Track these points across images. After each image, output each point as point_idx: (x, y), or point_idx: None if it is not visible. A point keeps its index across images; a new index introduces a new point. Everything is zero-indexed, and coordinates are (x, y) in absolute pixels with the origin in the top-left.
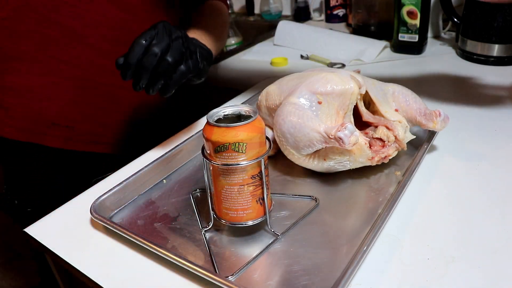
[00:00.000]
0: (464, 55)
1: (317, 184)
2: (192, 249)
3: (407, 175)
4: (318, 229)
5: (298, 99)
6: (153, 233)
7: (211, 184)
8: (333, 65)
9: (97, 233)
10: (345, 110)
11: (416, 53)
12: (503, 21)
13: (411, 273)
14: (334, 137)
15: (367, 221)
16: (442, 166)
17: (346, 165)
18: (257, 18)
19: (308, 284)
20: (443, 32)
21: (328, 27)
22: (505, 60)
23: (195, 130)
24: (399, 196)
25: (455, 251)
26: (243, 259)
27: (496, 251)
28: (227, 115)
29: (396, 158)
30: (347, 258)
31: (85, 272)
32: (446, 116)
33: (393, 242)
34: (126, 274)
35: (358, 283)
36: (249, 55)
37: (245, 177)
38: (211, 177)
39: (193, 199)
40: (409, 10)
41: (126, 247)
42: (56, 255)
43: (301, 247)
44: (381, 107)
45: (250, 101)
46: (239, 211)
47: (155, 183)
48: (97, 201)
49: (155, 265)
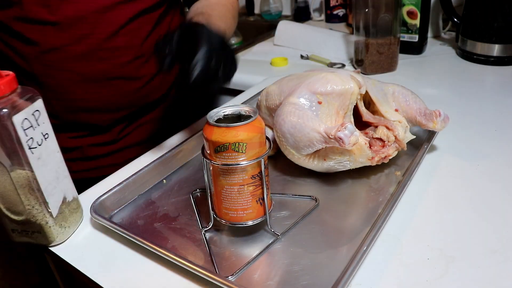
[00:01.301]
0: (464, 55)
1: (317, 184)
2: (192, 249)
3: (407, 175)
4: (318, 229)
5: (298, 99)
6: (153, 233)
7: (211, 184)
8: (333, 65)
9: (97, 233)
10: (345, 110)
11: (416, 53)
12: (503, 21)
13: (411, 273)
14: (334, 137)
15: (367, 221)
16: (442, 166)
17: (346, 165)
18: (257, 18)
19: (308, 284)
20: (443, 32)
21: (328, 27)
22: (505, 60)
23: (195, 130)
24: (399, 196)
25: (455, 251)
26: (243, 259)
27: (496, 251)
28: (227, 115)
29: (396, 158)
30: (347, 258)
31: (85, 272)
32: (446, 116)
33: (393, 242)
34: (126, 274)
35: (358, 283)
36: (249, 55)
37: (245, 177)
38: (211, 177)
39: (193, 199)
40: (409, 10)
41: (126, 247)
42: (56, 255)
43: (301, 247)
44: (381, 107)
45: (250, 101)
46: (239, 211)
47: (155, 183)
48: (97, 201)
49: (155, 265)
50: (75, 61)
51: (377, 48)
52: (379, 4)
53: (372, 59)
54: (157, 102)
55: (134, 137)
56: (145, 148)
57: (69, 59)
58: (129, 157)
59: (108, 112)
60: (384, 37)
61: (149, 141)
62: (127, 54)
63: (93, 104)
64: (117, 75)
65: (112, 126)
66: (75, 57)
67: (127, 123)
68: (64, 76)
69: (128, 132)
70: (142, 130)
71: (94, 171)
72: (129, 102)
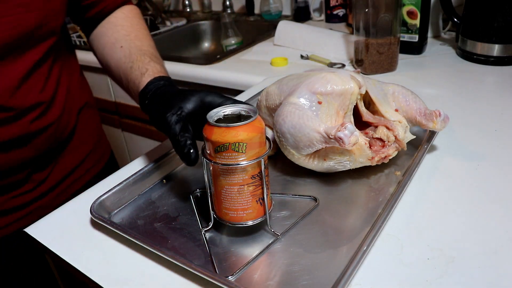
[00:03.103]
0: (464, 55)
1: (317, 184)
2: (192, 249)
3: (407, 175)
4: (318, 229)
5: (298, 99)
6: (153, 233)
7: (211, 184)
8: (333, 65)
9: (97, 233)
10: (345, 110)
11: (416, 53)
12: (503, 21)
13: (411, 273)
14: (334, 137)
15: (367, 221)
16: (442, 166)
17: (346, 165)
18: (257, 18)
19: (308, 284)
20: (443, 32)
21: (328, 27)
22: (505, 60)
23: None
24: (399, 196)
25: (455, 251)
26: (243, 259)
27: (496, 251)
28: (227, 115)
29: (396, 158)
30: (347, 258)
31: (85, 272)
32: (446, 116)
33: (393, 242)
34: (126, 274)
35: (358, 283)
36: (249, 55)
37: (245, 177)
38: (211, 177)
39: (193, 199)
40: (409, 10)
41: (126, 247)
42: (56, 255)
43: (301, 247)
44: (381, 107)
45: (250, 101)
46: (239, 211)
47: (155, 183)
48: (97, 201)
49: (155, 265)
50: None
51: (377, 48)
52: (379, 4)
53: (372, 59)
54: (67, 140)
55: (55, 176)
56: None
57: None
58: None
59: (23, 169)
60: (384, 37)
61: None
62: (33, 112)
63: (7, 167)
64: (27, 133)
65: (26, 180)
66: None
67: (42, 170)
68: None
69: (46, 176)
70: (61, 166)
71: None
72: (41, 154)
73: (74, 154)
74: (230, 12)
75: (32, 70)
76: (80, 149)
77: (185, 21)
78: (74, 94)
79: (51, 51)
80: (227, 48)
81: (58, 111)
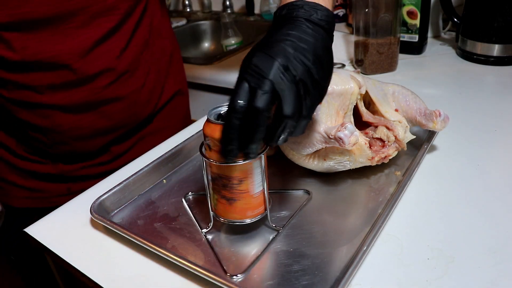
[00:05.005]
0: (464, 55)
1: (317, 184)
2: (192, 249)
3: (407, 175)
4: (318, 229)
5: None
6: (153, 233)
7: (210, 183)
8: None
9: (97, 233)
10: (345, 110)
11: (416, 53)
12: (503, 21)
13: (411, 273)
14: (334, 137)
15: (367, 221)
16: (442, 166)
17: (346, 165)
18: (257, 18)
19: (308, 284)
20: (443, 32)
21: None
22: (505, 60)
23: (195, 130)
24: (399, 196)
25: (455, 251)
26: (245, 258)
27: (496, 251)
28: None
29: (396, 158)
30: (347, 258)
31: (85, 272)
32: (446, 116)
33: (393, 242)
34: (126, 274)
35: (358, 283)
36: None
37: (244, 175)
38: (210, 176)
39: (185, 202)
40: (409, 10)
41: (126, 247)
42: (56, 255)
43: (301, 247)
44: (381, 107)
45: None
46: (240, 209)
47: (155, 183)
48: (97, 201)
49: (155, 265)
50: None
51: (377, 48)
52: (379, 4)
53: (372, 59)
54: (149, 119)
55: (135, 153)
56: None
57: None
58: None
59: (96, 137)
60: (384, 37)
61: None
62: (103, 77)
63: (79, 132)
64: (97, 99)
65: (104, 151)
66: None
67: (121, 143)
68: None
69: (125, 150)
70: (142, 145)
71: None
72: (116, 124)
73: (156, 135)
74: (230, 12)
75: (107, 35)
76: (164, 132)
77: (185, 21)
78: (162, 76)
79: (130, 22)
80: (227, 48)
81: (134, 85)
